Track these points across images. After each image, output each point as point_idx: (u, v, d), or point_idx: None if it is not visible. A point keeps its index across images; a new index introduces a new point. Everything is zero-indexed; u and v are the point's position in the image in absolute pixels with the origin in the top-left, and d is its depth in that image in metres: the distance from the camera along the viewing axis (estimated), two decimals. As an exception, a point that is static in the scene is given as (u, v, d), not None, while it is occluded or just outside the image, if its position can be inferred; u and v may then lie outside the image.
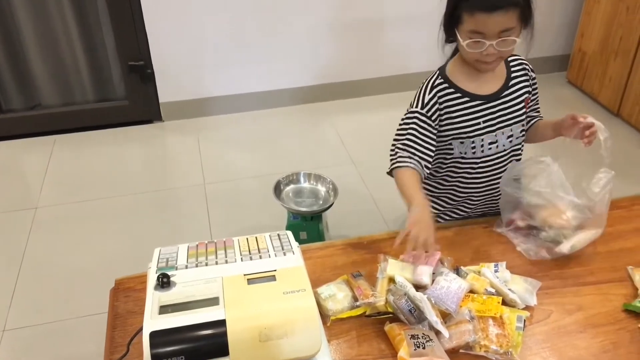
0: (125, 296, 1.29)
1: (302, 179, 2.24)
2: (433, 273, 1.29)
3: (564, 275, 1.36)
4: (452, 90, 1.45)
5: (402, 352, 1.10)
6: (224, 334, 0.91)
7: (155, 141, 3.15)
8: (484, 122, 1.46)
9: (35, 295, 2.15)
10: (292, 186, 2.22)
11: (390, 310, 1.18)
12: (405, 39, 3.35)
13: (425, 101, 1.45)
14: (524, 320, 1.19)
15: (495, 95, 1.47)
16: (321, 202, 2.17)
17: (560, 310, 1.26)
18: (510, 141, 1.51)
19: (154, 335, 0.90)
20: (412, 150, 1.44)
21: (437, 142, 1.49)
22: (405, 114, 1.48)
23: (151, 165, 2.98)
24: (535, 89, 1.56)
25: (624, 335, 1.21)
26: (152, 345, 0.89)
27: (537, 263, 1.39)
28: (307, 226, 2.13)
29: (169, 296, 0.97)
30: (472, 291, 1.26)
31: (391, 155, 1.47)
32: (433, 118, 1.45)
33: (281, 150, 3.03)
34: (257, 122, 3.29)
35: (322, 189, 2.22)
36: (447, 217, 1.65)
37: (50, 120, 3.15)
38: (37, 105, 3.16)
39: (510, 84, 1.48)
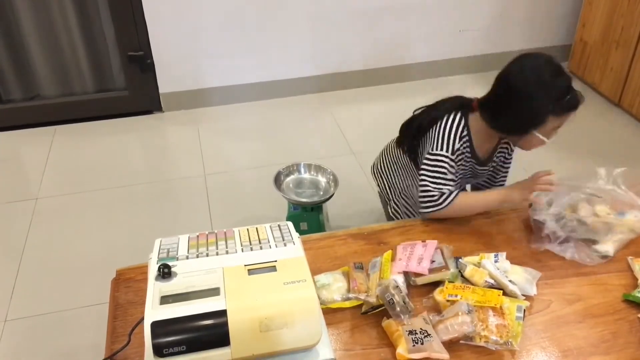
0: (126, 286, 1.29)
1: (302, 170, 2.23)
2: (432, 262, 1.30)
3: (564, 265, 1.37)
4: (469, 147, 1.55)
5: (401, 348, 1.10)
6: (225, 324, 0.91)
7: (156, 132, 3.14)
8: (468, 174, 1.64)
9: (37, 285, 2.15)
10: (292, 177, 2.22)
11: (382, 303, 1.19)
12: (404, 29, 3.33)
13: (455, 148, 1.52)
14: (524, 310, 1.19)
15: (484, 161, 1.62)
16: (321, 192, 2.17)
17: (560, 300, 1.27)
18: (490, 185, 1.76)
19: (155, 325, 0.90)
20: (452, 182, 1.53)
21: None
22: (435, 154, 1.52)
23: (151, 156, 2.98)
24: (509, 161, 1.73)
25: (623, 325, 1.21)
26: (154, 335, 0.90)
27: (537, 253, 1.40)
28: (308, 217, 2.13)
29: (170, 286, 0.97)
30: (472, 283, 1.26)
31: (432, 195, 1.50)
32: (459, 163, 1.55)
33: (281, 140, 3.03)
34: (257, 112, 3.28)
35: (322, 179, 2.21)
36: None
37: (50, 111, 3.14)
38: (37, 96, 3.16)
39: (496, 154, 1.64)
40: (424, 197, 1.50)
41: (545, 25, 3.56)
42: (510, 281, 1.25)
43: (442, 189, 1.49)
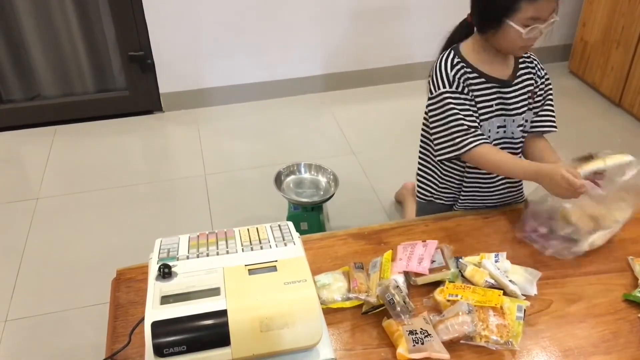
0: (127, 286, 1.29)
1: (302, 170, 2.24)
2: (433, 261, 1.30)
3: (565, 265, 1.36)
4: (469, 69, 1.44)
5: (401, 348, 1.10)
6: (225, 324, 0.91)
7: (156, 132, 3.14)
8: (497, 104, 1.46)
9: (37, 285, 2.15)
10: (292, 177, 2.22)
11: (382, 302, 1.19)
12: (406, 28, 3.33)
13: (450, 78, 1.42)
14: (524, 310, 1.19)
15: (508, 82, 1.47)
16: (322, 192, 2.17)
17: (560, 300, 1.27)
18: (520, 130, 1.51)
19: (155, 325, 0.90)
20: (468, 126, 1.41)
21: None
22: (434, 97, 1.44)
23: (152, 156, 2.98)
24: (547, 87, 1.54)
25: (624, 325, 1.21)
26: (154, 335, 0.90)
27: (537, 253, 1.40)
28: (308, 217, 2.13)
29: (171, 286, 0.97)
30: (472, 283, 1.26)
31: (444, 141, 1.43)
32: (465, 92, 1.43)
33: (282, 140, 3.03)
34: (258, 112, 3.28)
35: (322, 179, 2.22)
36: (470, 205, 1.63)
37: (50, 111, 3.14)
38: (37, 96, 3.16)
39: (519, 73, 1.49)
40: (439, 142, 1.44)
41: (546, 25, 3.56)
42: (510, 281, 1.25)
43: (456, 129, 1.40)
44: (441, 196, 1.67)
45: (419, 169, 1.73)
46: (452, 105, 1.42)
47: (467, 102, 1.43)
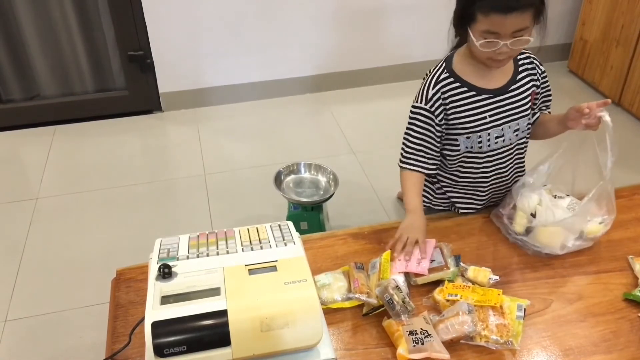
0: (127, 286, 1.29)
1: (302, 169, 2.23)
2: (432, 261, 1.30)
3: (565, 264, 1.36)
4: (457, 84, 1.43)
5: (401, 349, 1.10)
6: (226, 324, 0.91)
7: (156, 131, 3.14)
8: (490, 116, 1.45)
9: (37, 285, 2.15)
10: (292, 176, 2.22)
11: (382, 304, 1.19)
12: (405, 28, 3.33)
13: (429, 96, 1.43)
14: (524, 310, 1.19)
15: (503, 89, 1.45)
16: (322, 192, 2.17)
17: (560, 300, 1.27)
18: (517, 135, 1.50)
19: (155, 325, 0.90)
20: (418, 148, 1.48)
21: (445, 137, 1.49)
22: (413, 107, 1.47)
23: (151, 155, 2.98)
24: (545, 83, 1.53)
25: (624, 324, 1.21)
26: (154, 335, 0.90)
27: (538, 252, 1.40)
28: (308, 216, 2.13)
29: (171, 286, 0.97)
30: (473, 283, 1.26)
31: (402, 147, 1.50)
32: (437, 114, 1.44)
33: (281, 140, 3.03)
34: (257, 112, 3.28)
35: (322, 179, 2.21)
36: (464, 209, 1.63)
37: (50, 111, 3.14)
38: (37, 96, 3.16)
39: (518, 77, 1.47)
40: (402, 145, 1.51)
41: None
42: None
43: (406, 148, 1.48)
44: (439, 203, 1.67)
45: None
46: (418, 123, 1.46)
47: (435, 127, 1.45)
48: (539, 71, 1.51)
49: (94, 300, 2.06)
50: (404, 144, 1.50)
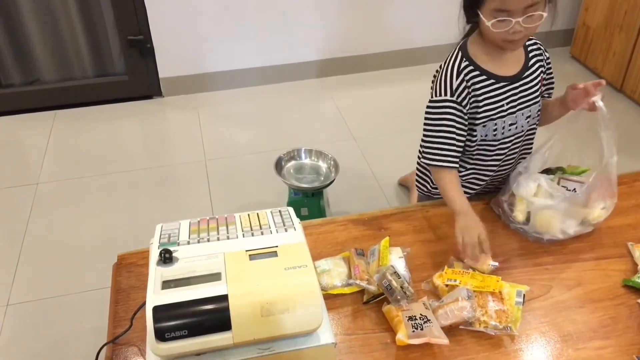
0: (128, 271, 1.30)
1: (303, 155, 2.23)
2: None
3: (564, 250, 1.37)
4: (477, 72, 1.40)
5: (400, 334, 1.11)
6: (227, 309, 0.92)
7: (156, 117, 3.13)
8: (507, 103, 1.43)
9: (38, 270, 2.16)
10: (293, 162, 2.22)
11: (382, 291, 1.19)
12: (408, 13, 3.30)
13: (454, 87, 1.39)
14: (524, 295, 1.20)
15: (517, 76, 1.43)
16: (322, 178, 2.17)
17: (559, 286, 1.27)
18: (528, 122, 1.49)
19: (157, 309, 0.91)
20: (454, 146, 1.41)
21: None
22: (435, 102, 1.42)
23: (152, 141, 2.97)
24: (550, 69, 1.52)
25: (623, 310, 1.22)
26: (155, 320, 0.90)
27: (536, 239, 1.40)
28: (308, 202, 2.13)
29: (172, 271, 0.97)
30: (473, 269, 1.27)
31: (428, 146, 1.43)
32: (464, 104, 1.40)
33: (282, 126, 3.02)
34: (257, 97, 3.27)
35: (323, 165, 2.21)
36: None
37: (49, 96, 3.13)
38: (37, 81, 3.14)
39: (530, 64, 1.45)
40: (426, 146, 1.44)
41: (548, 10, 3.53)
42: None
43: (444, 142, 1.40)
44: (438, 192, 1.66)
45: (418, 162, 1.72)
46: (451, 117, 1.40)
47: (464, 118, 1.41)
48: (545, 57, 1.50)
49: (95, 285, 2.07)
50: (430, 141, 1.43)
